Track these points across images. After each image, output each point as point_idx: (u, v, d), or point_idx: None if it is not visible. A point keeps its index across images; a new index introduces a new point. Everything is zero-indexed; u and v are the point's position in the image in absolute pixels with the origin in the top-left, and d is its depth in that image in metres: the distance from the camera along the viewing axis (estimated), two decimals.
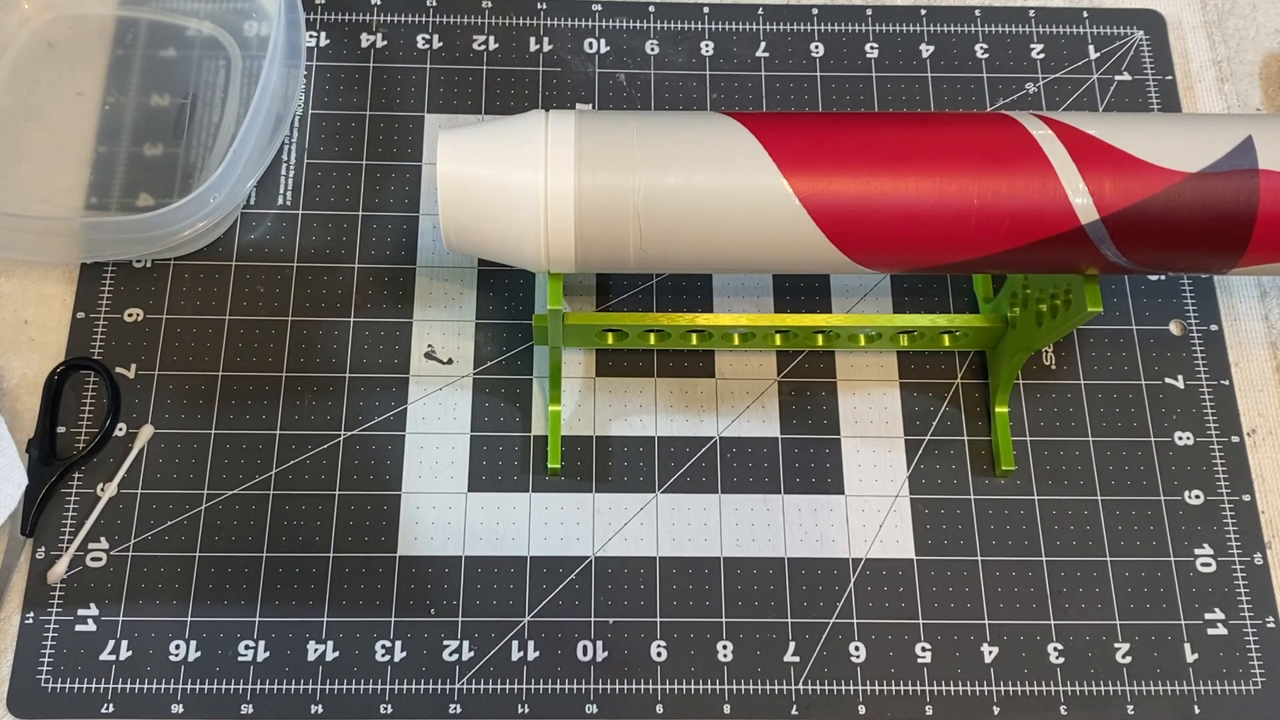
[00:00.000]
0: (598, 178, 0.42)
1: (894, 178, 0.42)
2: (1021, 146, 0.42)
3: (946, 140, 0.42)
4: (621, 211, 0.42)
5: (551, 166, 0.42)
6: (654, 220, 0.42)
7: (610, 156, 0.42)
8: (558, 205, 0.42)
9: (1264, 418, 0.54)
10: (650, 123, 0.43)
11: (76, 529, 0.50)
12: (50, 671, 0.48)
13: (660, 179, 0.42)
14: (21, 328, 0.53)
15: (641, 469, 0.52)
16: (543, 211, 0.42)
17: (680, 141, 0.43)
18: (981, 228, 0.42)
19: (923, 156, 0.42)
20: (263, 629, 0.49)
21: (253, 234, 0.55)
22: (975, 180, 0.41)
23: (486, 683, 0.48)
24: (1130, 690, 0.49)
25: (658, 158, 0.42)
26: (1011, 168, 0.42)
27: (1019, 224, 0.42)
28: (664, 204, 0.42)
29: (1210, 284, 0.56)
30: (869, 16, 0.61)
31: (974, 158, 0.42)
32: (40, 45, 0.58)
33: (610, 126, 0.43)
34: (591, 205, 0.42)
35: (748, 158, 0.42)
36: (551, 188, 0.42)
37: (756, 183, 0.42)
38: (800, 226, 0.42)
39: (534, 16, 0.60)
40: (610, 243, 0.43)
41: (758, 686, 0.49)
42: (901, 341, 0.52)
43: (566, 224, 0.42)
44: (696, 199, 0.42)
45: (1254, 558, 0.51)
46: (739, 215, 0.42)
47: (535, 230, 0.42)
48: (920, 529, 0.51)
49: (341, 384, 0.53)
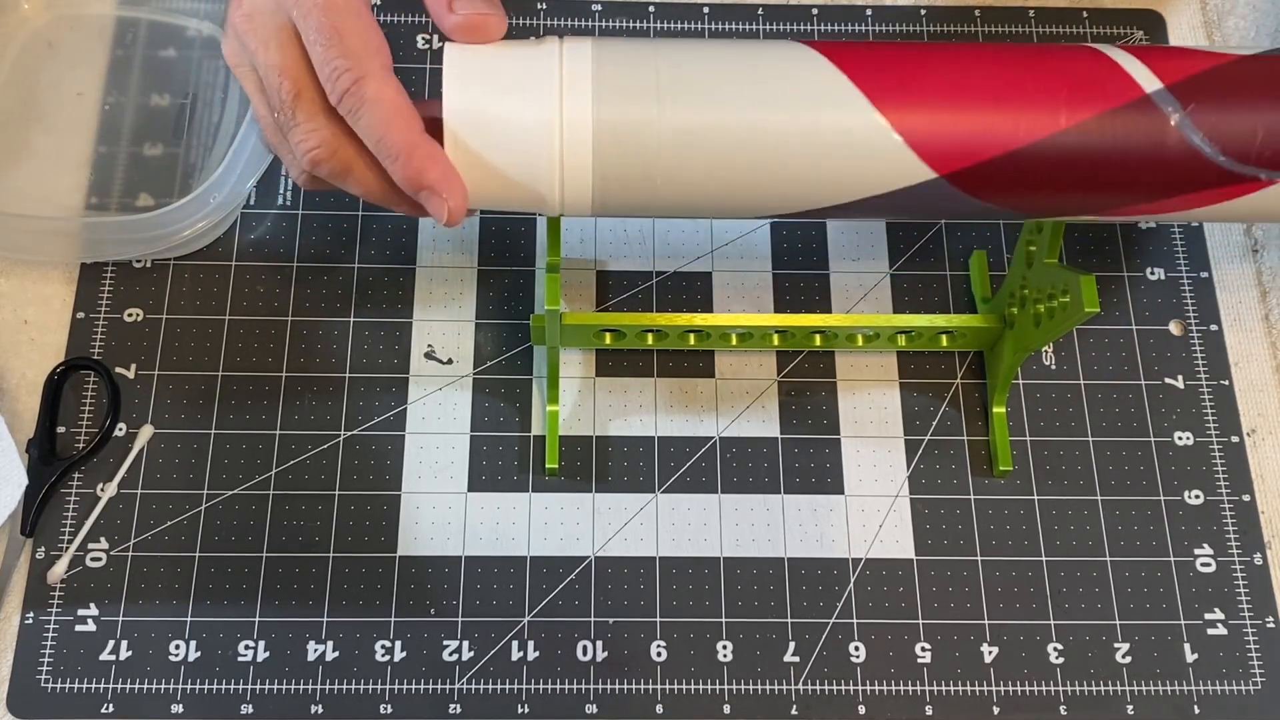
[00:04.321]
0: (619, 109, 0.38)
1: (994, 109, 0.39)
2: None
3: (1035, 69, 0.40)
4: (644, 149, 0.39)
5: (568, 96, 0.38)
6: (690, 159, 0.39)
7: (635, 86, 0.39)
8: (573, 141, 0.38)
9: (1264, 418, 0.54)
10: (691, 50, 0.40)
11: (76, 529, 0.50)
12: (50, 671, 0.48)
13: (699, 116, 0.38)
14: (21, 328, 0.53)
15: (641, 469, 0.52)
16: (558, 148, 0.39)
17: (734, 69, 0.39)
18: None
19: (1017, 86, 0.40)
20: (263, 629, 0.49)
21: (253, 234, 0.55)
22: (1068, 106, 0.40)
23: (486, 683, 0.48)
24: (1130, 690, 0.49)
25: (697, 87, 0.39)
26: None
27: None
28: (705, 143, 0.39)
29: (1210, 284, 0.56)
30: (869, 16, 0.61)
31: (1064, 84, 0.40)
32: (40, 45, 0.58)
33: (635, 53, 0.40)
34: (612, 141, 0.39)
35: (828, 90, 0.39)
36: (567, 119, 0.38)
37: (843, 120, 0.39)
38: (900, 163, 0.39)
39: (534, 16, 0.60)
40: (634, 181, 0.39)
41: (758, 686, 0.49)
42: (900, 341, 0.52)
43: (583, 161, 0.39)
44: (751, 138, 0.39)
45: (1254, 558, 0.51)
46: (810, 155, 0.39)
47: (549, 168, 0.39)
48: (920, 529, 0.51)
49: (341, 384, 0.53)
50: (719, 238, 0.56)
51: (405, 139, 0.38)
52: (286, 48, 0.39)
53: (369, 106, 0.38)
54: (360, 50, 0.38)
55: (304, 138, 0.40)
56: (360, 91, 0.38)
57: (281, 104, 0.40)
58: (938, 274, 0.56)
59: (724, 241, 0.56)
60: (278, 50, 0.39)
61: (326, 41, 0.38)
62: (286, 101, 0.39)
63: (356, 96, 0.38)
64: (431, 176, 0.38)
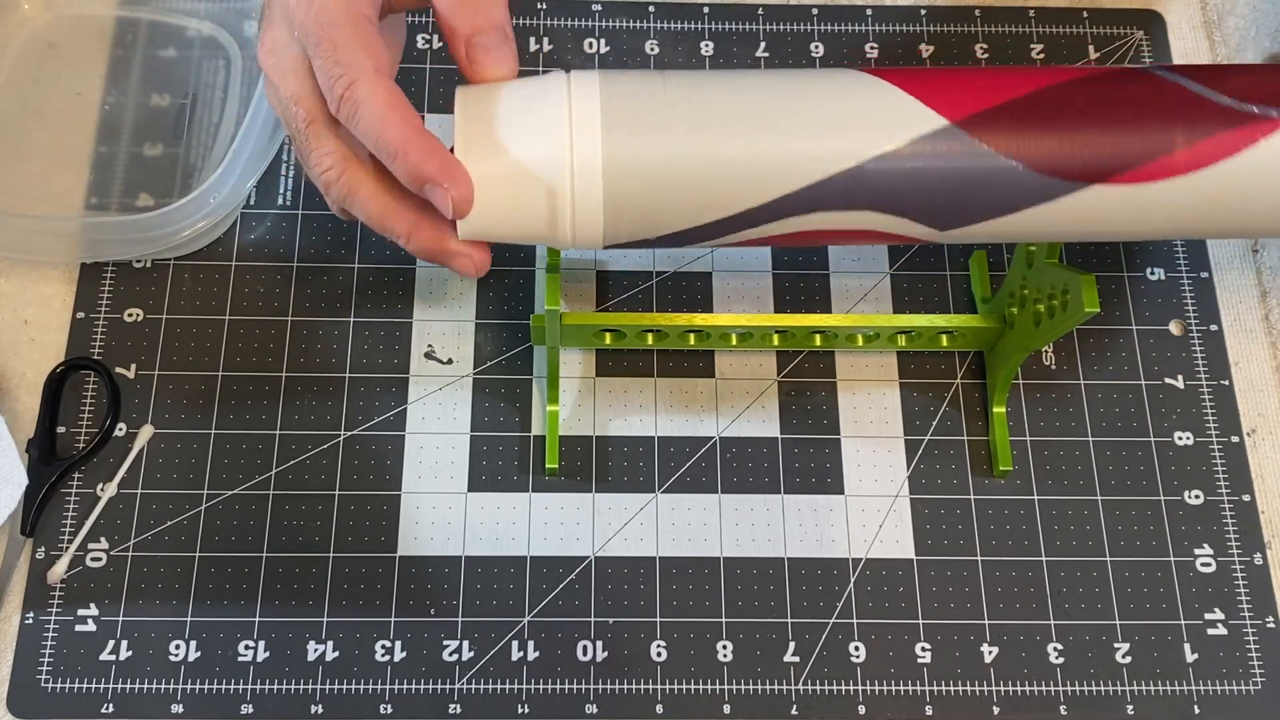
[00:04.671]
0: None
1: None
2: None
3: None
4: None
5: (577, 132, 0.38)
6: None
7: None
8: (583, 177, 0.39)
9: (1264, 418, 0.54)
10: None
11: (76, 529, 0.50)
12: (50, 671, 0.48)
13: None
14: (21, 328, 0.53)
15: (641, 469, 0.52)
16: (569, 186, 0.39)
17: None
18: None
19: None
20: (263, 629, 0.49)
21: (253, 234, 0.55)
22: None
23: (486, 683, 0.48)
24: (1130, 690, 0.49)
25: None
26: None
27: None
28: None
29: (1210, 284, 0.56)
30: (869, 16, 0.61)
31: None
32: (40, 45, 0.58)
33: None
34: (622, 176, 0.39)
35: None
36: (577, 157, 0.38)
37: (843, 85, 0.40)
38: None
39: (534, 16, 0.60)
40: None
41: (758, 686, 0.49)
42: (900, 342, 0.52)
43: (594, 196, 0.39)
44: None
45: (1254, 558, 0.51)
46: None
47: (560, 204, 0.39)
48: (920, 529, 0.51)
49: (341, 384, 0.53)
50: None
51: (401, 134, 0.38)
52: (302, 77, 0.40)
53: (363, 107, 0.38)
54: (353, 57, 0.38)
55: (316, 161, 0.40)
56: (354, 95, 0.38)
57: (297, 132, 0.40)
58: (938, 274, 0.56)
59: None
60: (295, 80, 0.40)
61: (324, 54, 0.38)
62: (301, 129, 0.40)
63: (351, 101, 0.38)
64: (431, 168, 0.38)
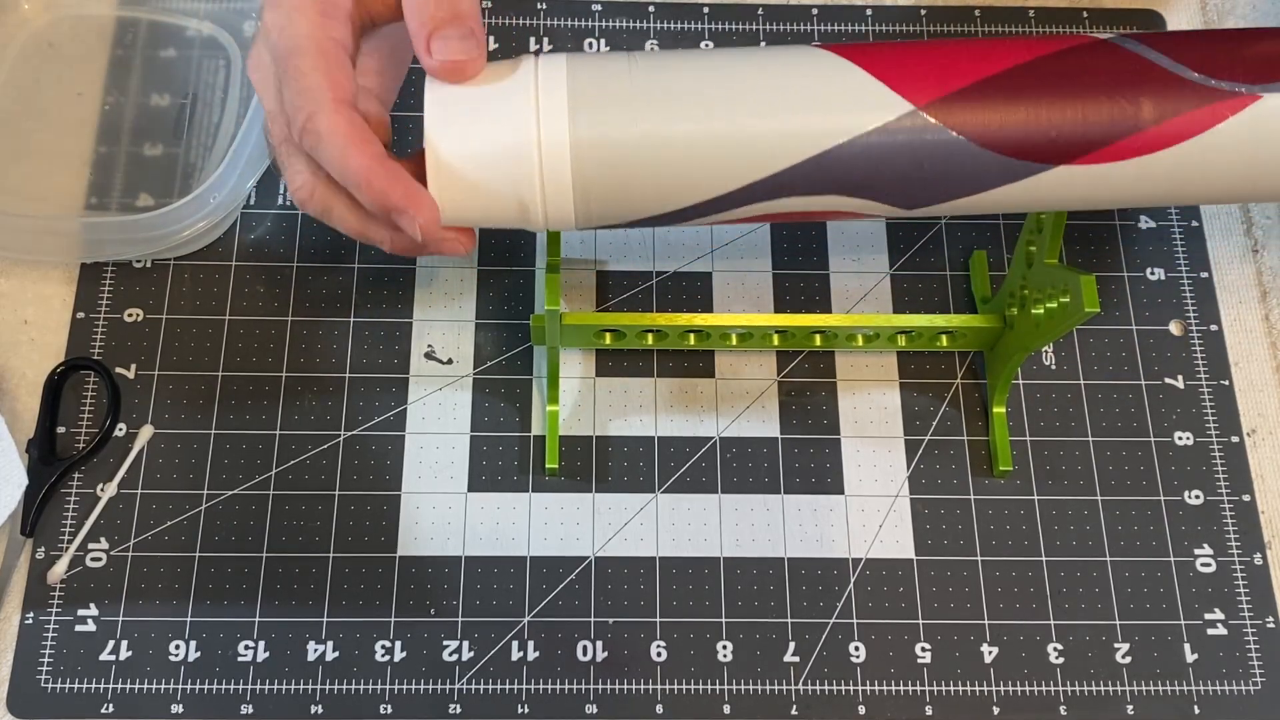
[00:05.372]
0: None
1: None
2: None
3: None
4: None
5: (544, 113, 0.38)
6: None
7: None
8: (552, 157, 0.39)
9: (1264, 418, 0.54)
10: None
11: (76, 529, 0.50)
12: (50, 671, 0.48)
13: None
14: (21, 328, 0.53)
15: (641, 469, 0.52)
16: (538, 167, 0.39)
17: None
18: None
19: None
20: (263, 629, 0.49)
21: (253, 234, 0.55)
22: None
23: (486, 683, 0.48)
24: (1130, 690, 0.49)
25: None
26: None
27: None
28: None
29: (1210, 284, 0.56)
30: (869, 16, 0.61)
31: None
32: (40, 45, 0.58)
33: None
34: (591, 156, 0.39)
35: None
36: (545, 137, 0.38)
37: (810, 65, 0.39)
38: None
39: (534, 16, 0.60)
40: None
41: (758, 686, 0.49)
42: (900, 341, 0.52)
43: (563, 176, 0.39)
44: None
45: (1254, 558, 0.51)
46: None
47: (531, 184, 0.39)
48: (920, 529, 0.51)
49: (341, 384, 0.53)
50: (719, 237, 0.56)
51: (362, 164, 0.38)
52: (277, 96, 0.40)
53: (324, 141, 0.38)
54: (315, 88, 0.38)
55: (290, 178, 0.41)
56: (314, 128, 0.38)
57: (273, 149, 0.41)
58: (938, 274, 0.56)
59: (724, 241, 0.56)
60: (270, 99, 0.40)
61: (287, 83, 0.38)
62: (276, 146, 0.41)
63: (312, 134, 0.38)
64: (395, 197, 0.38)
